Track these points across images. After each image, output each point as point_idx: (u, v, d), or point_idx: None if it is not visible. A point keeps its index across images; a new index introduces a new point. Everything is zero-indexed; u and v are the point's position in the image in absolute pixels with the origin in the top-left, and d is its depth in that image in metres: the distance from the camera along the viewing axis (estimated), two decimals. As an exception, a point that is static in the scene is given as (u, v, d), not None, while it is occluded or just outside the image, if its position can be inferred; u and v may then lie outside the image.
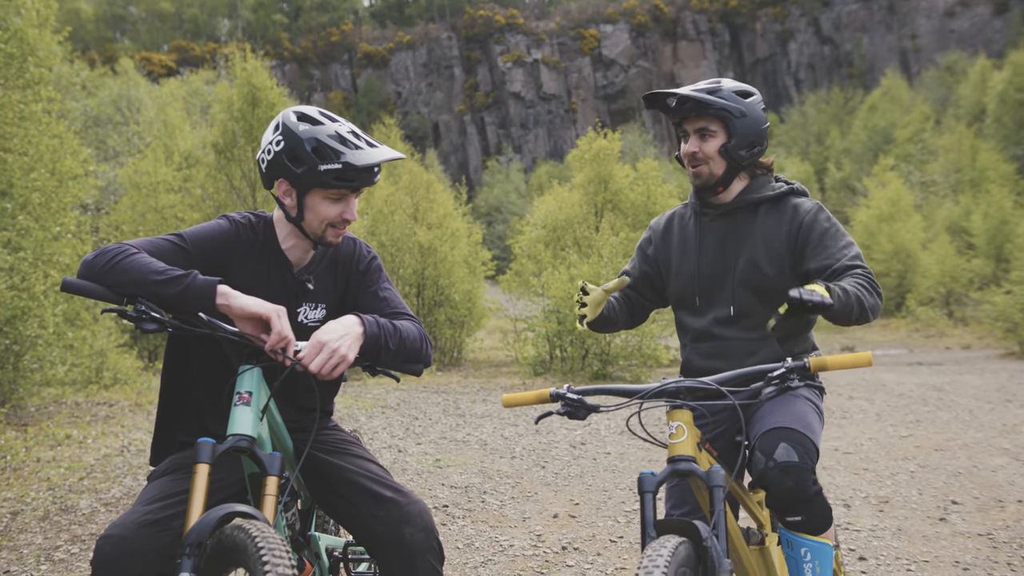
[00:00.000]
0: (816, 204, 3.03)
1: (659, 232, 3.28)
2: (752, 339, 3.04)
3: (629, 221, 21.02)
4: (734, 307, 3.04)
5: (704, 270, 3.10)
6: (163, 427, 2.69)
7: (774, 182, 3.11)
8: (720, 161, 3.00)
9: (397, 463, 7.45)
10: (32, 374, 9.41)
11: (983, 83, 54.85)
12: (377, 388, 13.06)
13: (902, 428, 9.12)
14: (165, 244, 2.50)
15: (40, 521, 5.49)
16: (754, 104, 2.99)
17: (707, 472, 2.36)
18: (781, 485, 2.66)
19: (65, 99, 23.23)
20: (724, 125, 2.97)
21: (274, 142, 2.54)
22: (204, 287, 2.35)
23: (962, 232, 32.57)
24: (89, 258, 2.37)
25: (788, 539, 2.74)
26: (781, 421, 2.78)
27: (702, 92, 2.96)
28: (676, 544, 2.13)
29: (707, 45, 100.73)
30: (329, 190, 2.53)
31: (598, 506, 5.98)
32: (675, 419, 2.46)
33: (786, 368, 2.43)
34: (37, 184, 9.13)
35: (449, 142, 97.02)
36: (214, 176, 18.27)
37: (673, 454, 2.41)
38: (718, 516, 2.28)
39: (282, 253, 2.66)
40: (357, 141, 2.54)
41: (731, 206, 3.08)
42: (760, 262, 3.00)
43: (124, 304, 2.32)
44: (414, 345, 2.63)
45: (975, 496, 6.18)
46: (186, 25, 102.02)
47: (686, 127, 3.04)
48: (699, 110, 2.96)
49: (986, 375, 14.43)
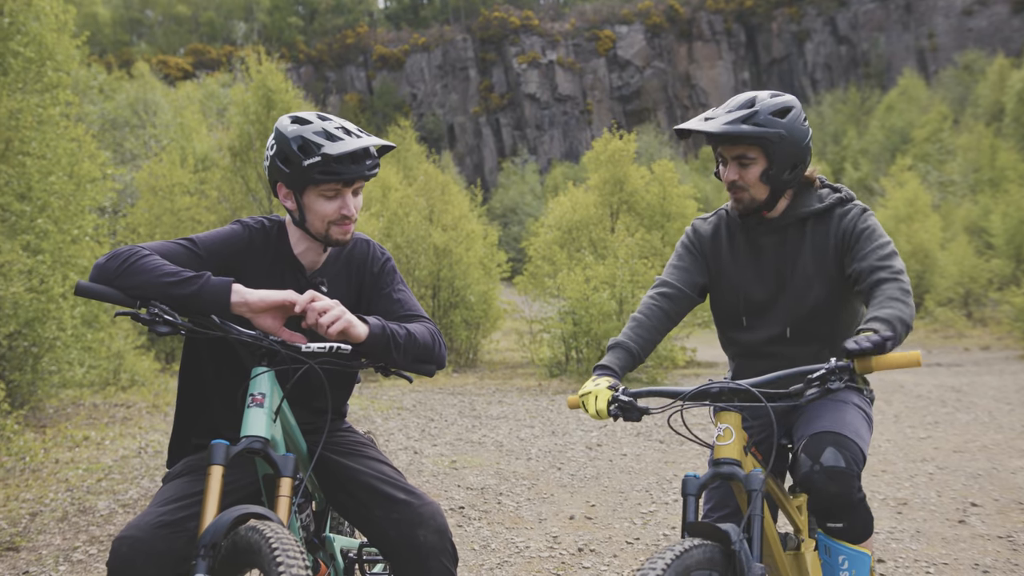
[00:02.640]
0: (861, 208, 2.94)
1: (707, 238, 3.12)
2: (802, 352, 2.97)
3: (644, 222, 20.99)
4: (791, 329, 2.97)
5: (752, 291, 3.02)
6: (180, 430, 2.70)
7: (821, 190, 3.00)
8: (762, 187, 2.87)
9: (413, 465, 7.45)
10: (50, 376, 9.47)
11: (1001, 82, 54.46)
12: (393, 390, 13.08)
13: (920, 430, 9.06)
14: (177, 248, 2.50)
15: (59, 522, 5.52)
16: (793, 121, 2.80)
17: (746, 475, 2.34)
18: (826, 490, 2.62)
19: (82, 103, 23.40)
20: (763, 151, 2.80)
21: (270, 147, 2.56)
22: (219, 287, 2.35)
23: (981, 232, 32.33)
24: (101, 262, 2.37)
25: (827, 545, 2.70)
26: (830, 425, 2.74)
27: (735, 122, 2.76)
28: (690, 547, 2.12)
29: (723, 45, 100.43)
30: (321, 187, 2.52)
31: (614, 508, 5.97)
32: (723, 421, 2.44)
33: (827, 369, 2.36)
34: (56, 188, 9.18)
35: (464, 144, 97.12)
36: (230, 179, 18.34)
37: (718, 456, 2.40)
38: (752, 520, 2.26)
39: (295, 257, 2.67)
40: (341, 134, 2.52)
41: (780, 222, 2.97)
42: (813, 280, 2.93)
43: (137, 307, 2.32)
44: (425, 344, 2.61)
45: (994, 498, 6.12)
46: (202, 28, 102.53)
47: (723, 153, 2.88)
48: (734, 140, 2.80)
49: (1005, 376, 14.33)
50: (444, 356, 2.71)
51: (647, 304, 3.06)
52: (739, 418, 2.46)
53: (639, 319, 3.02)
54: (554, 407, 11.09)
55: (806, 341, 2.99)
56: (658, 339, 3.03)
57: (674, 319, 3.07)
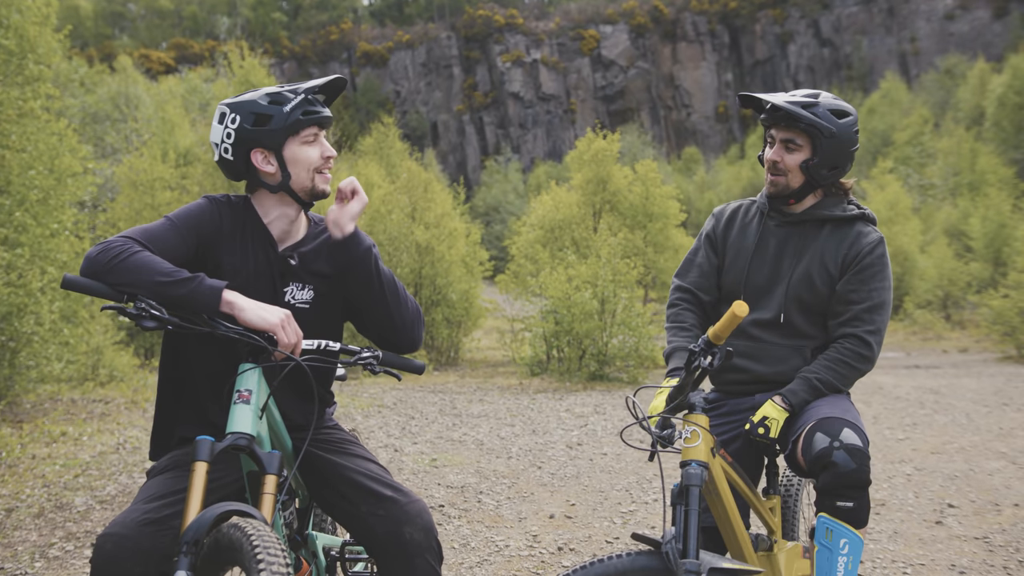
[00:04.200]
0: (880, 238, 3.06)
1: (723, 221, 3.29)
2: (787, 346, 3.09)
3: (627, 222, 21.05)
4: (784, 315, 3.07)
5: (754, 272, 3.14)
6: (162, 421, 2.68)
7: (847, 204, 3.11)
8: (799, 175, 3.02)
9: (393, 462, 7.44)
10: (28, 371, 9.39)
11: (982, 86, 54.93)
12: (374, 387, 13.06)
13: (899, 431, 9.12)
14: (162, 230, 2.50)
15: (35, 518, 5.48)
16: (847, 126, 2.97)
17: (684, 471, 2.37)
18: (845, 466, 2.68)
19: (64, 96, 23.20)
20: (811, 141, 2.97)
21: (229, 122, 2.57)
22: (209, 292, 2.35)
23: (960, 235, 32.58)
24: (92, 254, 2.36)
25: (830, 528, 2.72)
26: (837, 413, 2.83)
27: (797, 105, 2.95)
28: (621, 554, 2.26)
29: (707, 46, 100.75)
30: (302, 133, 2.58)
31: (594, 507, 5.98)
32: (690, 423, 2.47)
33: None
34: (35, 181, 9.11)
35: (447, 142, 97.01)
36: (211, 174, 18.24)
37: (685, 458, 2.42)
38: (688, 515, 2.28)
39: (265, 229, 2.65)
40: (292, 85, 2.64)
41: (799, 217, 3.10)
42: (814, 278, 3.04)
43: (124, 301, 2.32)
44: (407, 302, 2.69)
45: (971, 499, 6.18)
46: (185, 23, 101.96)
47: (774, 133, 3.05)
48: (789, 121, 2.96)
49: (983, 379, 14.44)
50: (422, 335, 2.74)
51: (676, 314, 3.24)
52: (706, 419, 2.49)
53: (679, 324, 3.18)
54: (535, 406, 11.10)
55: (789, 335, 3.09)
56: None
57: (708, 316, 3.26)
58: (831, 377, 2.96)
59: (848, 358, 2.97)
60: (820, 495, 2.77)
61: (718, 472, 2.56)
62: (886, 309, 3.01)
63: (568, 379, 14.07)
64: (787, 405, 2.93)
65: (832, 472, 2.70)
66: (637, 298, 15.73)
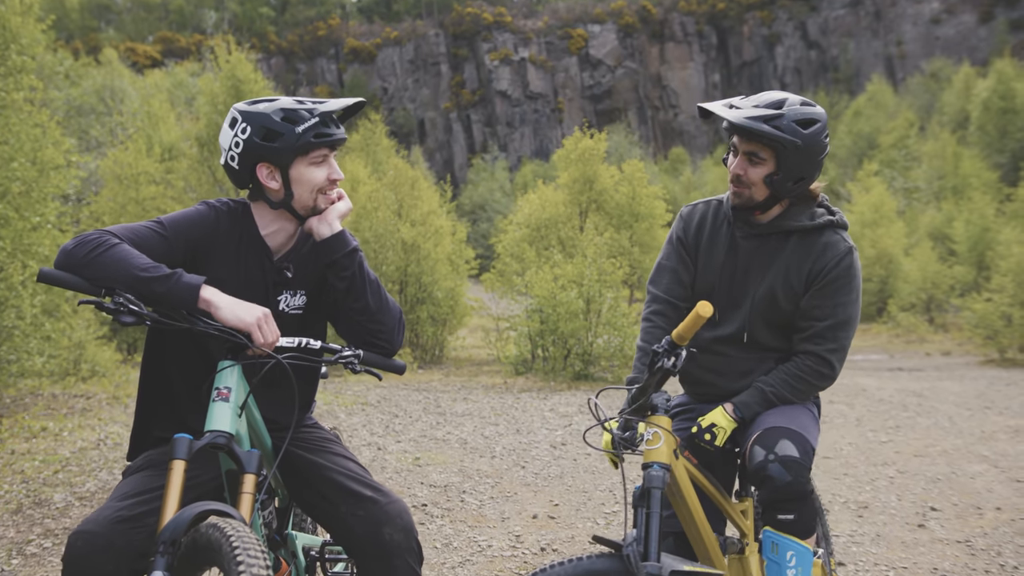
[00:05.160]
0: (848, 248, 2.94)
1: (693, 226, 3.13)
2: (751, 358, 3.04)
3: (613, 221, 21.04)
4: (747, 334, 3.01)
5: (723, 289, 3.04)
6: (141, 422, 2.65)
7: (816, 209, 3.00)
8: (763, 189, 2.88)
9: (376, 461, 7.41)
10: (9, 365, 9.31)
11: (967, 90, 55.18)
12: (357, 385, 13.01)
13: (882, 433, 9.14)
14: (146, 232, 2.45)
15: (13, 514, 5.43)
16: (814, 135, 2.79)
17: (646, 473, 2.35)
18: (780, 478, 2.65)
19: (48, 88, 23.06)
20: (776, 154, 2.81)
21: (239, 131, 2.51)
22: (187, 289, 2.31)
23: (944, 239, 32.73)
24: (69, 247, 2.32)
25: (774, 542, 2.70)
26: (781, 422, 2.80)
27: (759, 120, 2.75)
28: (583, 556, 2.28)
29: (694, 47, 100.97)
30: (311, 154, 2.53)
31: (578, 507, 5.96)
32: (652, 425, 2.44)
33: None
34: (17, 173, 9.03)
35: (435, 139, 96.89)
36: (197, 169, 18.15)
37: (647, 460, 2.39)
38: (650, 518, 2.27)
39: (262, 240, 2.62)
40: (312, 103, 2.57)
41: (765, 228, 2.99)
42: (778, 295, 2.96)
43: (102, 296, 2.27)
44: (390, 306, 2.67)
45: (954, 503, 6.19)
46: (172, 16, 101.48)
47: (736, 143, 2.89)
48: (751, 135, 2.80)
49: (966, 382, 14.50)
50: (402, 338, 2.71)
51: (647, 330, 3.09)
52: (668, 421, 2.47)
53: (644, 347, 3.05)
54: (519, 405, 11.08)
55: (753, 349, 3.04)
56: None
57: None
58: (786, 391, 2.91)
59: (806, 375, 2.92)
60: (763, 508, 2.75)
61: (681, 474, 2.53)
62: (851, 325, 2.92)
63: (553, 378, 14.05)
64: (737, 416, 2.90)
65: (768, 486, 2.67)
66: (623, 298, 15.72)
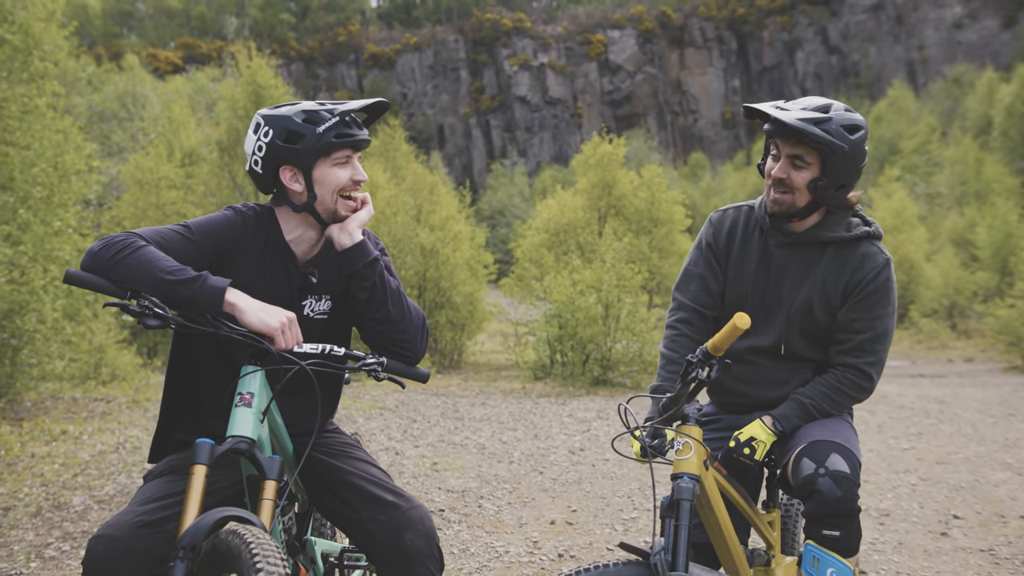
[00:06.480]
0: (886, 260, 2.89)
1: (724, 233, 3.06)
2: (786, 368, 2.99)
3: (632, 227, 21.03)
4: (784, 345, 2.96)
5: (756, 298, 2.99)
6: (164, 426, 2.64)
7: (852, 218, 2.93)
8: (806, 194, 2.80)
9: (394, 466, 7.40)
10: (30, 368, 9.37)
11: (990, 96, 54.85)
12: (376, 390, 13.02)
13: (904, 440, 9.07)
14: (172, 235, 2.45)
15: (32, 517, 5.45)
16: (859, 141, 2.73)
17: (675, 485, 2.32)
18: (831, 493, 2.59)
19: (70, 94, 23.24)
20: (821, 158, 2.74)
21: (262, 135, 2.52)
22: (212, 292, 2.31)
23: (966, 244, 32.52)
24: (95, 248, 2.31)
25: (816, 556, 2.63)
26: (829, 435, 2.74)
27: (808, 122, 2.69)
28: (611, 564, 2.22)
29: (714, 52, 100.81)
30: (333, 155, 2.53)
31: (596, 513, 5.93)
32: (683, 435, 2.41)
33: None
34: (39, 179, 9.09)
35: (454, 144, 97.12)
36: (217, 174, 18.24)
37: (677, 471, 2.37)
38: (678, 530, 2.25)
39: (287, 245, 2.62)
40: (332, 104, 2.57)
41: (801, 238, 2.91)
42: (814, 306, 2.90)
43: (127, 298, 2.27)
44: (413, 313, 2.64)
45: (977, 511, 6.12)
46: (193, 22, 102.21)
47: (780, 146, 2.81)
48: (798, 136, 2.73)
49: (988, 388, 14.38)
50: (425, 345, 2.69)
51: (672, 338, 3.03)
52: (699, 431, 2.44)
53: (669, 355, 2.99)
54: (538, 410, 11.06)
55: (788, 359, 2.99)
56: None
57: (706, 338, 3.00)
58: (825, 404, 2.86)
59: (846, 387, 2.87)
60: (808, 522, 2.69)
61: (711, 485, 2.51)
62: (888, 337, 2.89)
63: (571, 384, 14.02)
64: (777, 429, 2.84)
65: (817, 500, 2.61)
66: (641, 303, 15.68)
